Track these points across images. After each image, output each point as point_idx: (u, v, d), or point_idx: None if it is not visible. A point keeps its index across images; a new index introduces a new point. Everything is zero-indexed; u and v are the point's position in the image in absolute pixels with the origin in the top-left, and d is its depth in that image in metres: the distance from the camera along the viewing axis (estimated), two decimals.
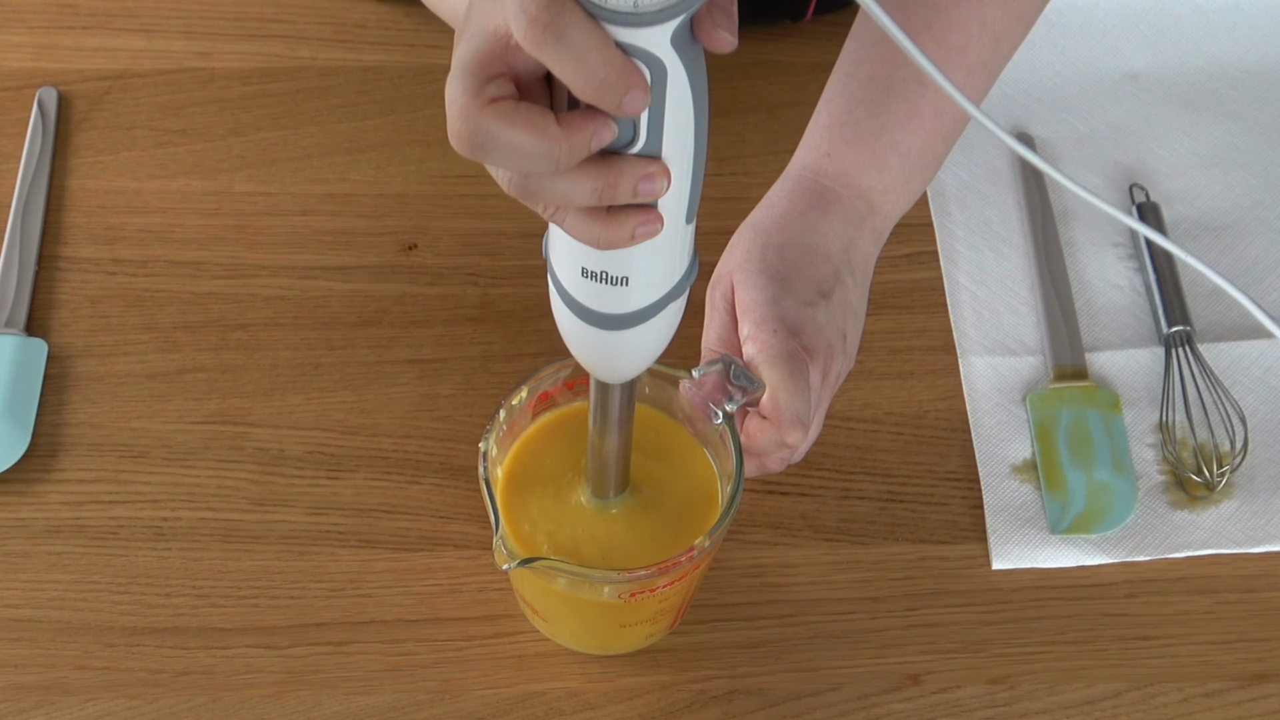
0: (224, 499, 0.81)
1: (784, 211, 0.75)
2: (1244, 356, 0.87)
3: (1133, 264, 0.91)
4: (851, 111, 0.76)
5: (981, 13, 0.77)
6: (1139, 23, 1.01)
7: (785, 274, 0.73)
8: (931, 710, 0.76)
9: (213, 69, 0.98)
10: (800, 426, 0.69)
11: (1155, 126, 0.96)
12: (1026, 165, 0.94)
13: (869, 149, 0.76)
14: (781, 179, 0.78)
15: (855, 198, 0.76)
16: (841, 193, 0.76)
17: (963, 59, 0.77)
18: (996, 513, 0.81)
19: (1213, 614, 0.79)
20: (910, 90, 0.76)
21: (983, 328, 0.88)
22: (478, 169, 0.93)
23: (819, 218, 0.75)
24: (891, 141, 0.76)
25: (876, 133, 0.76)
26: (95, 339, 0.87)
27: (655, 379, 0.72)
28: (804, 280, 0.73)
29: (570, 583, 0.69)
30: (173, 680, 0.76)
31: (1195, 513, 0.82)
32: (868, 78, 0.77)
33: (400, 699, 0.76)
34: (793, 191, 0.76)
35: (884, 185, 0.77)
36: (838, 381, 0.75)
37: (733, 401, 0.69)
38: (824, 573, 0.80)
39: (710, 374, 0.70)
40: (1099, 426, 0.83)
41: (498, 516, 0.66)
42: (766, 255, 0.73)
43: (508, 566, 0.65)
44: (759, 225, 0.75)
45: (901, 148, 0.76)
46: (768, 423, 0.69)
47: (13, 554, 0.79)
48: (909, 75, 0.76)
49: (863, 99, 0.76)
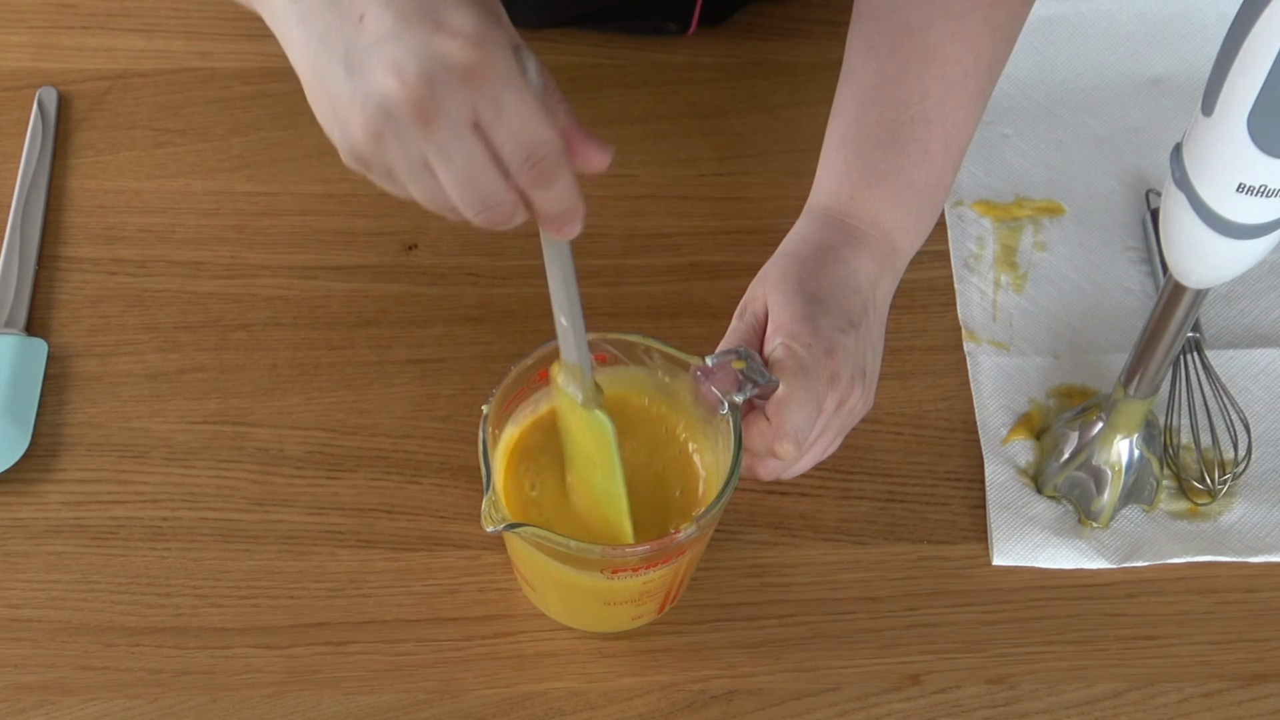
0: (224, 499, 0.81)
1: (818, 243, 0.76)
2: (1252, 364, 0.87)
3: (1145, 268, 0.91)
4: (868, 156, 0.78)
5: (975, 42, 0.78)
6: (1162, 28, 1.00)
7: (821, 298, 0.74)
8: (931, 710, 0.76)
9: (213, 69, 0.98)
10: (795, 441, 0.69)
11: (1175, 132, 0.96)
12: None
13: (890, 189, 0.78)
14: (807, 216, 0.79)
15: (881, 238, 0.77)
16: (870, 232, 0.77)
17: (964, 91, 0.79)
18: (1000, 510, 0.81)
19: (1213, 614, 0.79)
20: (919, 130, 0.78)
21: (991, 326, 0.88)
22: None
23: (851, 253, 0.76)
24: (909, 181, 0.78)
25: (895, 174, 0.78)
26: (95, 339, 0.87)
27: (666, 363, 0.72)
28: (838, 307, 0.74)
29: (554, 554, 0.69)
30: (173, 680, 0.76)
31: (1196, 521, 0.82)
32: (876, 121, 0.78)
33: (400, 699, 0.76)
34: (824, 226, 0.77)
35: (904, 224, 0.78)
36: (851, 418, 0.75)
37: (742, 392, 0.70)
38: (824, 573, 0.80)
39: (723, 363, 0.70)
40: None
41: (489, 477, 0.67)
42: (804, 279, 0.74)
43: (493, 529, 0.66)
44: (793, 253, 0.76)
45: (918, 186, 0.78)
46: (769, 425, 0.69)
47: (13, 554, 0.79)
48: (917, 115, 0.78)
49: (877, 143, 0.78)
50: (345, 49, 0.58)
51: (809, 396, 0.70)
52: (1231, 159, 0.62)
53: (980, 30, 0.78)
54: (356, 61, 0.58)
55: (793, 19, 1.01)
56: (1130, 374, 0.76)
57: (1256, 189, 0.62)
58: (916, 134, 0.78)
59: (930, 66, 0.78)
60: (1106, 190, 0.94)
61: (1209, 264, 0.67)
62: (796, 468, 0.75)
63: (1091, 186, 0.94)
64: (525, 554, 0.71)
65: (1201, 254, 0.67)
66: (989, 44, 0.79)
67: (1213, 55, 0.61)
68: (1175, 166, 0.65)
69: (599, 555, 0.68)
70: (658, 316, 0.88)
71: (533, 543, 0.69)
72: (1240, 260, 0.66)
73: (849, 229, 0.77)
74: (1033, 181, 0.94)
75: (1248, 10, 0.59)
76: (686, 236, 0.91)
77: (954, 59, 0.78)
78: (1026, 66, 0.99)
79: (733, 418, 0.70)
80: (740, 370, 0.70)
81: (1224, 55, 0.60)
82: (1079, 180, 0.94)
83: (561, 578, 0.71)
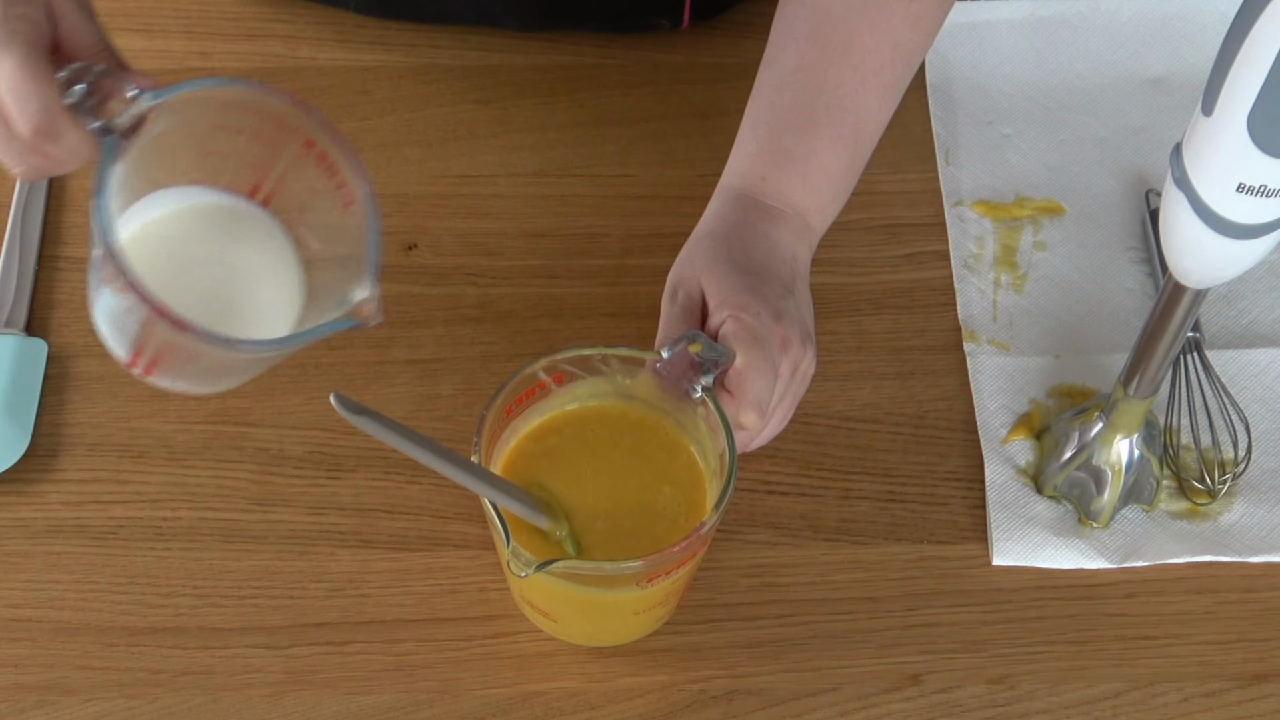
0: (224, 499, 0.81)
1: (738, 221, 0.78)
2: (1252, 364, 0.87)
3: (1145, 268, 0.91)
4: (780, 138, 0.79)
5: (893, 34, 0.80)
6: (1163, 28, 1.00)
7: (754, 269, 0.75)
8: (931, 710, 0.76)
9: (213, 69, 0.97)
10: (758, 410, 0.70)
11: (1175, 132, 0.96)
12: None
13: (800, 172, 0.79)
14: (720, 197, 0.81)
15: (795, 215, 0.79)
16: (784, 210, 0.79)
17: (879, 81, 0.80)
18: (1000, 510, 0.81)
19: (1213, 614, 0.79)
20: (833, 116, 0.80)
21: (991, 326, 0.88)
22: (478, 169, 0.94)
23: (770, 227, 0.78)
24: (819, 165, 0.80)
25: (806, 157, 0.79)
26: (95, 339, 0.85)
27: (624, 365, 0.72)
28: (773, 276, 0.76)
29: (587, 580, 0.69)
30: (173, 680, 0.76)
31: (1196, 521, 0.82)
32: (791, 105, 0.80)
33: (400, 699, 0.76)
34: (740, 206, 0.79)
35: (815, 205, 0.80)
36: (804, 381, 0.77)
37: (708, 373, 0.70)
38: (824, 573, 0.80)
39: (679, 352, 0.71)
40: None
41: (505, 529, 0.66)
42: (733, 254, 0.76)
43: (525, 574, 0.65)
44: (715, 232, 0.78)
45: (829, 170, 0.80)
46: (730, 398, 0.71)
47: (13, 554, 0.79)
48: (831, 101, 0.79)
49: (789, 125, 0.80)
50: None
51: (766, 364, 0.71)
52: (1231, 159, 0.62)
53: (900, 23, 0.80)
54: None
55: None
56: (1130, 374, 0.76)
57: (1256, 189, 0.62)
58: (830, 119, 0.79)
59: (848, 55, 0.79)
60: (1106, 190, 0.94)
61: (1209, 264, 0.67)
62: (759, 439, 0.77)
63: (1091, 186, 0.94)
64: (547, 589, 0.71)
65: (1201, 254, 0.67)
66: (907, 37, 0.80)
67: (1213, 55, 0.61)
68: (1175, 166, 0.65)
69: (635, 570, 0.67)
70: (658, 317, 0.88)
71: (565, 576, 0.68)
72: (1240, 260, 0.66)
73: (764, 207, 0.79)
74: (1033, 181, 0.94)
75: (1248, 10, 0.59)
76: (686, 236, 0.91)
77: (871, 49, 0.79)
78: (1026, 66, 0.99)
79: (711, 401, 0.70)
80: (697, 353, 0.70)
81: (1224, 55, 0.60)
82: (1079, 180, 0.94)
83: (591, 601, 0.72)
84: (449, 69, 0.98)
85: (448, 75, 0.98)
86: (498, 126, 0.96)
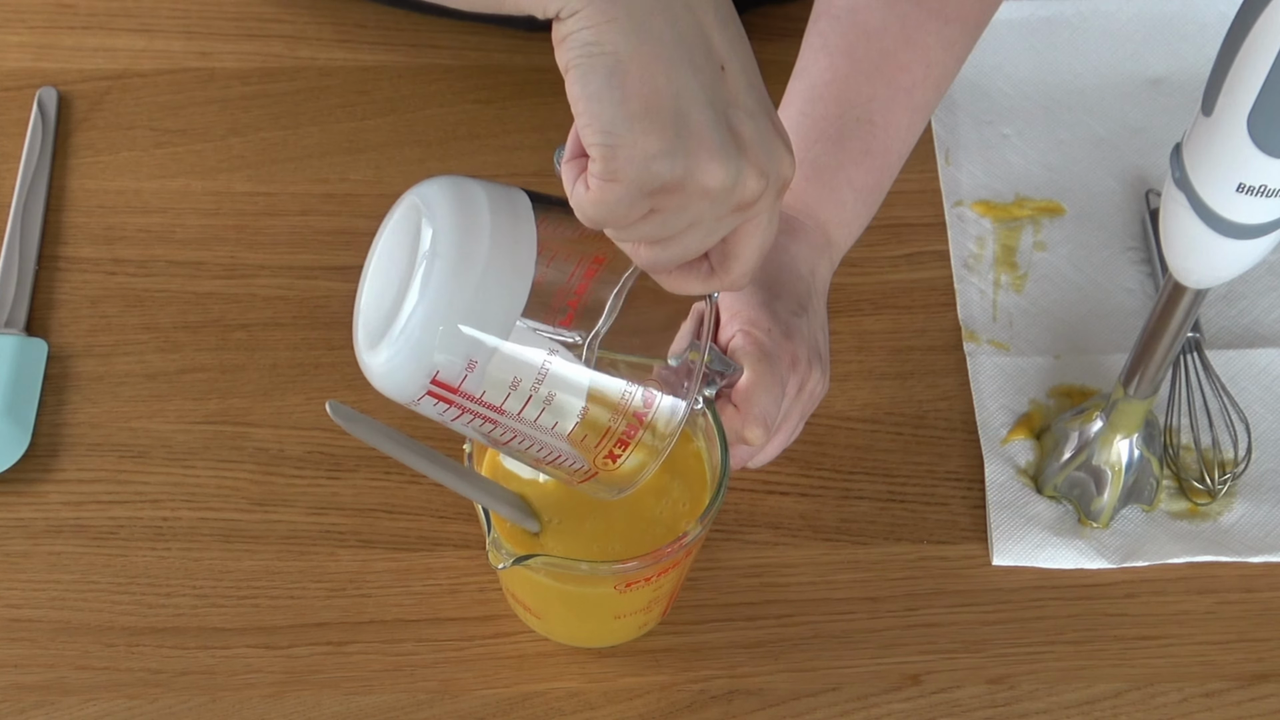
0: (224, 499, 0.81)
1: None
2: (1252, 364, 0.87)
3: (1145, 269, 0.91)
4: (809, 149, 0.78)
5: (927, 54, 0.79)
6: (1162, 28, 1.00)
7: (769, 284, 0.75)
8: (931, 710, 0.76)
9: (213, 69, 0.98)
10: (763, 426, 0.70)
11: (1175, 132, 0.96)
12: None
13: (827, 185, 0.78)
14: None
15: (817, 229, 0.78)
16: (805, 223, 0.78)
17: (910, 100, 0.79)
18: (1000, 510, 0.81)
19: (1213, 614, 0.79)
20: (863, 130, 0.79)
21: (991, 326, 0.88)
22: (478, 169, 0.93)
23: (789, 241, 0.77)
24: (847, 178, 0.78)
25: (834, 170, 0.78)
26: (95, 339, 0.87)
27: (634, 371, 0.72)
28: (787, 292, 0.75)
29: (564, 577, 0.69)
30: (173, 680, 0.76)
31: (1196, 521, 0.82)
32: (822, 116, 0.79)
33: (400, 699, 0.76)
34: None
35: (839, 219, 0.79)
36: (812, 401, 0.76)
37: (712, 385, 0.70)
38: (824, 573, 0.80)
39: (686, 362, 0.71)
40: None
41: (488, 519, 0.67)
42: None
43: (502, 566, 0.66)
44: None
45: (856, 184, 0.79)
46: (736, 412, 0.70)
47: (13, 554, 0.79)
48: (861, 115, 0.78)
49: (819, 137, 0.78)
50: (709, 95, 0.56)
51: (774, 380, 0.71)
52: (1231, 159, 0.62)
53: (934, 44, 0.79)
54: (729, 122, 0.57)
55: (795, 20, 1.01)
56: (1130, 374, 0.76)
57: (1256, 189, 0.62)
58: (860, 133, 0.78)
59: (881, 70, 0.79)
60: (1106, 190, 0.94)
61: (1209, 264, 0.67)
62: (762, 455, 0.76)
63: (1091, 186, 0.94)
64: (531, 584, 0.71)
65: (1201, 254, 0.67)
66: (939, 58, 0.80)
67: (1213, 55, 0.61)
68: (1175, 166, 0.65)
69: (610, 573, 0.68)
70: None
71: (543, 571, 0.68)
72: (1240, 260, 0.66)
73: (786, 219, 0.77)
74: (1033, 181, 0.94)
75: (1248, 10, 0.59)
76: None
77: (904, 66, 0.79)
78: (1026, 66, 0.99)
79: (711, 413, 0.70)
80: (704, 364, 0.70)
81: (1224, 55, 0.60)
82: (1079, 180, 0.94)
83: (572, 601, 0.72)
84: (449, 69, 0.98)
85: (448, 75, 0.98)
86: (498, 126, 0.96)
